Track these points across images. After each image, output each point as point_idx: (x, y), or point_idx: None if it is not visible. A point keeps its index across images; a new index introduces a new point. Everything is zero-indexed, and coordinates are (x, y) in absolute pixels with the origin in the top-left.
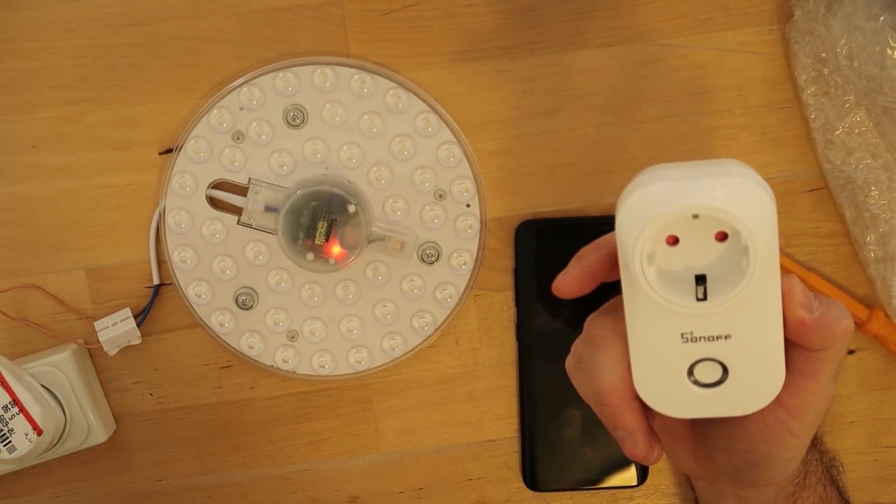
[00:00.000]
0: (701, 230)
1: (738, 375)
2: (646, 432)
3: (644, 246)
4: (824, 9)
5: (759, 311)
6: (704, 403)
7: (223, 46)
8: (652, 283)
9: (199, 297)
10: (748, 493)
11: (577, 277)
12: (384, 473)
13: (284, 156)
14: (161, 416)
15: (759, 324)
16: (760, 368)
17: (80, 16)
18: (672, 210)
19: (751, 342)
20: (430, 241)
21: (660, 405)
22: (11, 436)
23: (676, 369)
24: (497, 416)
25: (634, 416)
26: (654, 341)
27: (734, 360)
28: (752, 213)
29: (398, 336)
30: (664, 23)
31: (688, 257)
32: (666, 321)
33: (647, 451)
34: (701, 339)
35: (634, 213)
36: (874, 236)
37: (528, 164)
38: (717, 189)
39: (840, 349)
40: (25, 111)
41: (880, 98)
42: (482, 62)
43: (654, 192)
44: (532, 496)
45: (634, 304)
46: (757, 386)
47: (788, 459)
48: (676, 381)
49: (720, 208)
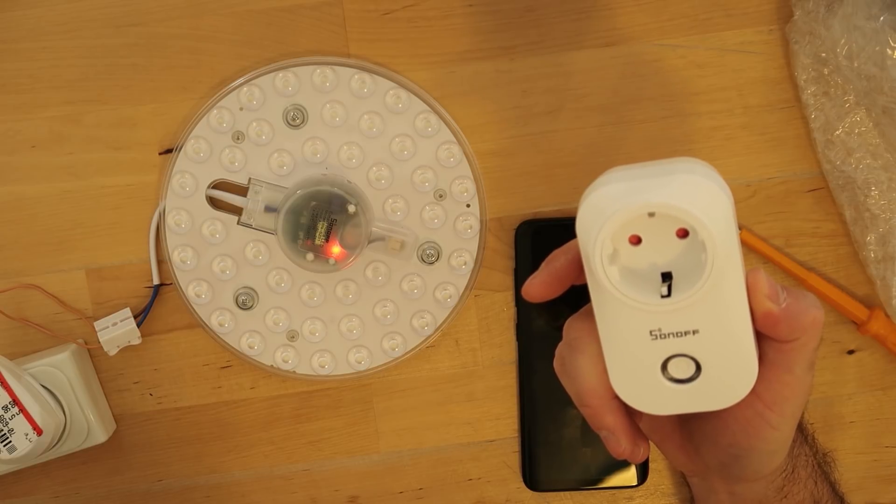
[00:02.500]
0: (662, 228)
1: (711, 370)
2: (628, 431)
3: (603, 246)
4: (824, 9)
5: (723, 305)
6: (681, 399)
7: (223, 46)
8: (615, 282)
9: (199, 297)
10: (739, 488)
11: (545, 281)
12: (384, 473)
13: (284, 156)
14: (161, 417)
15: (725, 317)
16: (732, 362)
17: (79, 16)
18: (626, 210)
19: (719, 336)
20: (430, 241)
21: (637, 403)
22: (11, 436)
23: (649, 366)
24: (497, 416)
25: (615, 415)
26: (625, 340)
27: (705, 354)
28: (705, 208)
29: (398, 336)
30: (664, 23)
31: (652, 255)
32: (633, 319)
33: (630, 450)
34: (670, 335)
35: (592, 215)
36: (874, 236)
37: (528, 164)
38: (670, 187)
39: (811, 339)
40: (25, 111)
41: (880, 98)
42: (482, 62)
43: (610, 192)
44: (532, 496)
45: (602, 304)
46: (730, 380)
47: (772, 452)
48: (651, 378)
49: (673, 205)
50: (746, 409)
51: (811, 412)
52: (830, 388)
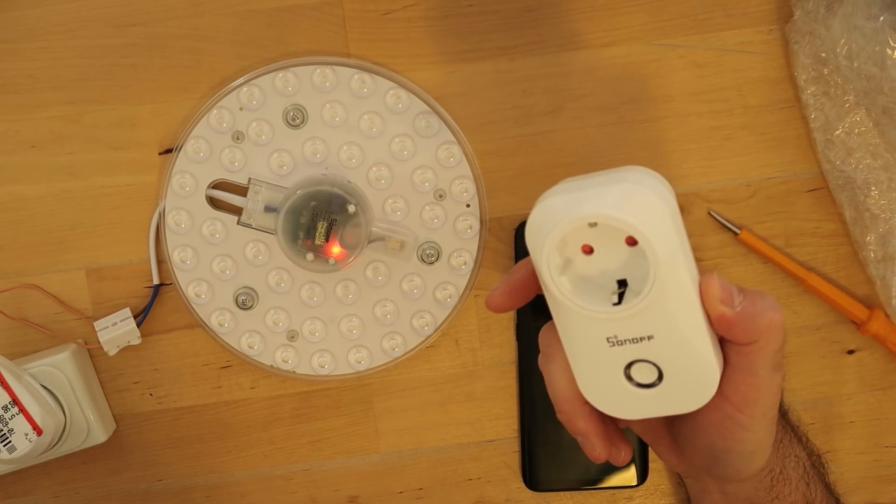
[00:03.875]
0: (611, 237)
1: (672, 375)
2: (601, 435)
3: (549, 258)
4: (824, 9)
5: (673, 310)
6: (648, 404)
7: (223, 46)
8: (565, 292)
9: (199, 297)
10: (730, 488)
11: (504, 292)
12: (384, 473)
13: (284, 156)
14: (161, 416)
15: (677, 322)
16: (690, 366)
17: (79, 16)
18: (564, 223)
19: (674, 341)
20: (430, 241)
21: (606, 407)
22: (11, 436)
23: (612, 372)
24: (497, 416)
25: (588, 420)
26: (585, 347)
27: (663, 360)
28: (643, 216)
29: (398, 336)
30: (664, 23)
31: (606, 264)
32: (590, 327)
33: (606, 453)
34: (626, 341)
35: (536, 228)
36: (874, 236)
37: (528, 164)
38: (607, 197)
39: (770, 342)
40: (25, 111)
41: (880, 98)
42: (482, 62)
43: (551, 206)
44: (532, 496)
45: (558, 313)
46: (691, 384)
47: (749, 453)
48: (616, 384)
49: (608, 215)
50: (716, 411)
51: (811, 412)
52: (830, 388)
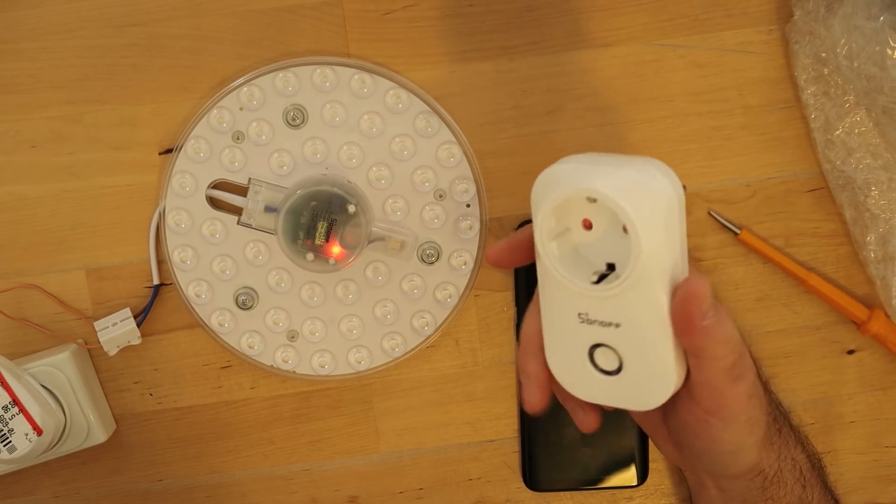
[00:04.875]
0: (610, 219)
1: (631, 368)
2: (543, 386)
3: (543, 221)
4: (824, 9)
5: (645, 305)
6: (605, 391)
7: (223, 46)
8: (551, 256)
9: (199, 297)
10: (725, 483)
11: (505, 248)
12: (384, 473)
13: (284, 156)
14: (161, 417)
15: (646, 318)
16: (650, 365)
17: (80, 16)
18: (562, 191)
19: (639, 336)
20: (430, 241)
21: (565, 382)
22: (11, 436)
23: (577, 349)
24: (497, 416)
25: (538, 366)
26: (557, 315)
27: (626, 351)
28: (640, 206)
29: (398, 336)
30: (664, 23)
31: (601, 244)
32: (565, 298)
33: (539, 405)
34: (595, 322)
35: (539, 188)
36: (874, 236)
37: (528, 164)
38: (614, 177)
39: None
40: (25, 111)
41: (880, 98)
42: (482, 62)
43: (561, 171)
44: (532, 496)
45: (543, 276)
46: (648, 383)
47: (729, 453)
48: (578, 362)
49: (605, 194)
50: (689, 414)
51: (811, 412)
52: (830, 388)
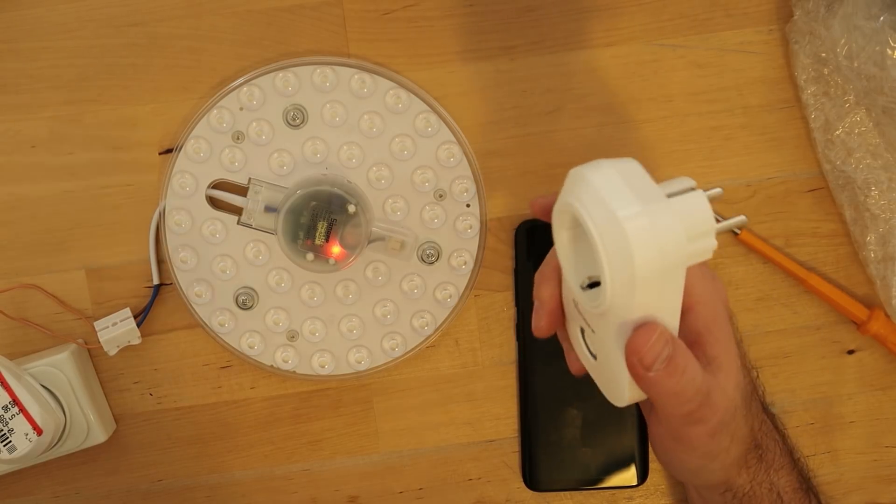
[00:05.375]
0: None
1: (601, 366)
2: (552, 313)
3: (559, 212)
4: (824, 9)
5: (610, 334)
6: (590, 364)
7: (223, 46)
8: (559, 243)
9: (199, 297)
10: (701, 491)
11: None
12: (384, 473)
13: (284, 156)
14: (161, 416)
15: (609, 343)
16: (610, 377)
17: (79, 16)
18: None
19: (605, 350)
20: (430, 241)
21: (570, 328)
22: (11, 436)
23: (575, 318)
24: (497, 416)
25: (552, 294)
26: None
27: (597, 351)
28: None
29: (398, 336)
30: (664, 23)
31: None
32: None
33: (545, 331)
34: (581, 314)
35: (570, 180)
36: (874, 236)
37: (528, 164)
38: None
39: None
40: (25, 111)
41: (880, 98)
42: (482, 62)
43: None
44: (532, 496)
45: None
46: (610, 388)
47: (691, 471)
48: (575, 326)
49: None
50: (656, 427)
51: (811, 412)
52: (830, 388)
